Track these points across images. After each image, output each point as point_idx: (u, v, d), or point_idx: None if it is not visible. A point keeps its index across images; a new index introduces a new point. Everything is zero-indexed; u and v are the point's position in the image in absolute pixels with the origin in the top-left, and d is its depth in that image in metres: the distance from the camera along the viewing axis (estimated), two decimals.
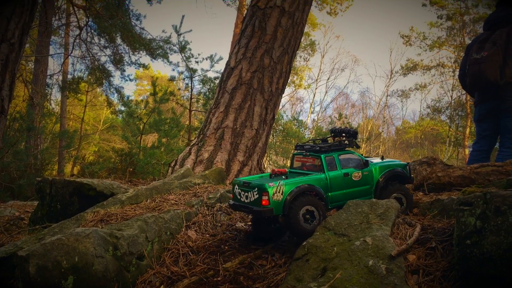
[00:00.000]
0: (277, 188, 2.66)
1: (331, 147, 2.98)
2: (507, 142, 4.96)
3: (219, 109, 5.57)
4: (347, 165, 2.97)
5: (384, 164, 3.09)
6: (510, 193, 1.91)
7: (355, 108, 40.03)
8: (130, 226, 2.39)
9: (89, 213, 2.85)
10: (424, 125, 29.65)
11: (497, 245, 1.86)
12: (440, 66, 27.30)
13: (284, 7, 5.81)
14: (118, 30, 17.50)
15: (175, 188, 3.56)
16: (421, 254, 2.22)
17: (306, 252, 2.37)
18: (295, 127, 24.49)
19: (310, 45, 27.56)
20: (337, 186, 2.89)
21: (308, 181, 2.79)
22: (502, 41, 4.76)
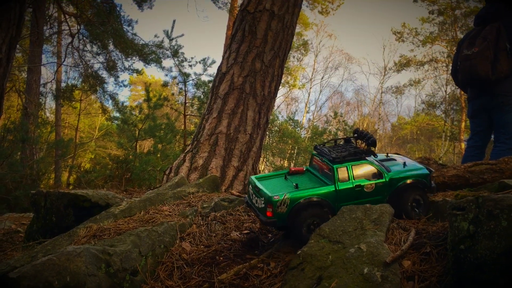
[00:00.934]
0: (282, 201, 2.68)
1: (346, 157, 2.86)
2: (501, 137, 4.97)
3: (212, 115, 5.56)
4: (361, 175, 2.86)
5: (401, 176, 2.90)
6: (501, 197, 1.90)
7: (350, 106, 40.15)
8: (123, 241, 2.37)
9: (82, 228, 2.83)
10: (419, 120, 29.72)
11: (491, 249, 1.86)
12: (433, 61, 27.36)
13: (273, 10, 5.80)
14: (110, 37, 17.49)
15: (169, 199, 3.53)
16: (416, 260, 2.20)
17: (301, 261, 2.35)
18: (291, 127, 24.51)
19: (303, 45, 27.59)
20: (347, 197, 2.83)
21: (315, 194, 2.76)
22: (492, 37, 4.76)
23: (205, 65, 13.13)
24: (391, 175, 2.88)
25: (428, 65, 27.82)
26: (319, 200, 2.75)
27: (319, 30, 34.49)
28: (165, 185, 4.14)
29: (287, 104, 36.12)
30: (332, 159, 2.84)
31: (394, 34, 27.76)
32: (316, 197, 2.75)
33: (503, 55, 4.71)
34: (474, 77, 4.83)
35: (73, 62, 20.24)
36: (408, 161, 3.15)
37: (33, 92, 16.36)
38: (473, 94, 5.21)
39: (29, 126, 13.59)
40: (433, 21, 26.29)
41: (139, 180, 9.13)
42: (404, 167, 2.98)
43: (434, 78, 28.02)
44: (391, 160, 3.15)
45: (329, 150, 3.01)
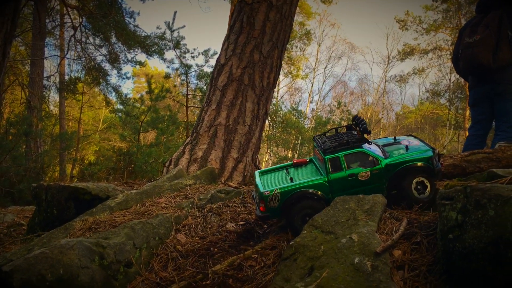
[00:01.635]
0: (273, 196, 2.73)
1: (337, 147, 2.84)
2: (503, 125, 4.95)
3: (211, 107, 5.57)
4: (354, 164, 2.83)
5: (399, 161, 2.83)
6: (489, 187, 1.91)
7: (354, 96, 40.04)
8: (117, 234, 2.40)
9: (78, 221, 2.86)
10: (423, 109, 29.59)
11: (478, 239, 1.87)
12: (437, 49, 27.18)
13: (271, 1, 5.77)
14: (112, 29, 17.46)
15: (165, 191, 3.56)
16: (406, 249, 2.22)
17: (294, 251, 2.37)
18: (295, 118, 24.48)
19: (305, 34, 27.43)
20: (340, 187, 2.82)
21: (306, 186, 2.78)
22: (494, 24, 4.72)
23: (207, 56, 13.13)
24: (387, 161, 2.83)
25: (432, 53, 27.67)
26: (310, 192, 2.77)
27: (322, 20, 34.37)
28: (163, 177, 4.17)
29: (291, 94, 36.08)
30: (324, 150, 2.84)
31: (398, 22, 27.58)
32: (307, 189, 2.77)
33: (505, 43, 4.68)
34: (476, 65, 4.80)
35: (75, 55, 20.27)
36: (413, 143, 3.07)
37: (36, 86, 16.40)
38: (474, 82, 5.19)
39: (33, 119, 13.65)
40: (436, 8, 26.05)
41: (142, 172, 9.18)
42: (406, 151, 2.92)
43: (438, 67, 27.87)
44: (394, 144, 3.10)
45: (323, 141, 2.99)
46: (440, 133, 30.22)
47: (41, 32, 16.46)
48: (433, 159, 2.85)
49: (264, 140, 23.59)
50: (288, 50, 26.25)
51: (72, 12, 18.55)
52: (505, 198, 1.82)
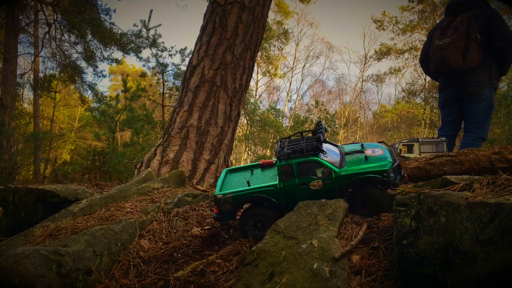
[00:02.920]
0: (225, 199, 2.76)
1: (291, 154, 2.79)
2: (471, 126, 5.05)
3: (183, 108, 5.54)
4: (307, 173, 2.79)
5: (352, 172, 2.77)
6: (441, 194, 1.95)
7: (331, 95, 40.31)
8: (77, 241, 2.37)
9: (39, 227, 2.82)
10: (399, 108, 30.04)
11: (430, 245, 1.91)
12: (413, 49, 27.58)
13: (244, 2, 5.78)
14: (87, 26, 17.21)
15: (132, 195, 3.53)
16: (365, 254, 2.25)
17: (256, 257, 2.38)
18: (273, 116, 24.52)
19: (283, 33, 27.50)
20: (291, 195, 2.80)
21: (257, 191, 2.79)
22: (463, 27, 4.82)
23: (183, 55, 13.07)
24: (340, 171, 2.78)
25: (408, 53, 28.10)
26: (261, 197, 2.78)
27: (300, 19, 34.51)
28: (132, 180, 4.14)
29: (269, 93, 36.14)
30: (277, 157, 2.81)
31: (375, 22, 27.94)
32: (258, 195, 2.78)
33: (474, 45, 4.78)
34: (446, 67, 4.89)
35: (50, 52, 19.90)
36: (377, 153, 2.99)
37: (9, 83, 16.03)
38: (444, 84, 5.28)
39: (5, 118, 13.37)
40: (412, 9, 26.47)
41: (116, 173, 9.08)
42: (365, 162, 2.85)
43: (414, 66, 28.30)
44: (357, 153, 3.05)
45: (282, 147, 2.96)
46: (416, 132, 30.67)
47: (14, 28, 16.12)
48: (389, 172, 2.77)
49: (242, 139, 23.59)
50: (266, 49, 26.31)
51: (47, 9, 18.24)
52: (455, 205, 1.87)
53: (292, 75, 33.69)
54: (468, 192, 1.95)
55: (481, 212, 1.65)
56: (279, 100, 35.72)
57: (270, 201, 2.79)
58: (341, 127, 31.27)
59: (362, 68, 34.60)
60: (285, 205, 2.80)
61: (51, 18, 18.00)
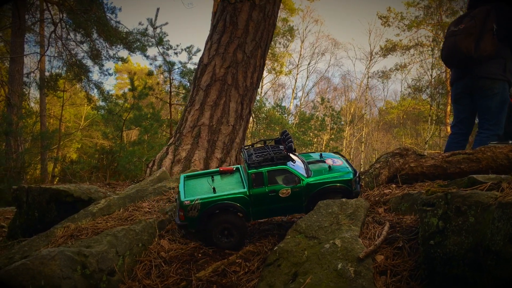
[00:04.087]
0: (193, 206, 2.71)
1: (261, 162, 2.82)
2: (485, 123, 4.93)
3: (195, 107, 5.54)
4: (277, 181, 2.83)
5: (319, 181, 2.87)
6: (469, 193, 1.93)
7: (337, 92, 40.24)
8: (100, 242, 2.37)
9: (59, 228, 2.82)
10: (405, 105, 29.93)
11: (459, 245, 1.90)
12: (419, 45, 27.47)
13: (254, 0, 5.76)
14: (93, 25, 17.23)
15: (149, 195, 3.53)
16: (389, 254, 2.24)
17: (278, 257, 2.38)
18: (278, 114, 24.53)
19: (289, 30, 27.46)
20: (260, 202, 2.82)
21: (226, 198, 2.77)
22: (480, 16, 4.70)
23: (190, 53, 13.05)
24: (308, 180, 2.86)
25: (413, 50, 27.96)
26: (230, 204, 2.77)
27: (305, 16, 34.37)
28: (147, 180, 4.14)
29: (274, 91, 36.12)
30: (248, 164, 2.83)
31: (380, 18, 27.79)
32: (227, 202, 2.76)
33: (489, 35, 4.66)
34: (457, 53, 4.75)
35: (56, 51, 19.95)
36: (337, 163, 3.09)
37: (16, 83, 16.08)
38: (455, 75, 5.14)
39: (13, 117, 13.41)
40: (418, 5, 26.33)
41: (125, 171, 9.10)
42: (329, 171, 2.96)
43: (420, 63, 28.17)
44: (319, 163, 3.12)
45: (250, 154, 2.98)
46: (422, 128, 30.59)
47: (21, 28, 16.16)
48: (352, 182, 2.89)
49: (248, 137, 23.61)
50: (271, 47, 26.25)
51: (52, 8, 18.26)
52: (484, 205, 1.85)
53: (298, 72, 33.67)
54: (497, 192, 1.93)
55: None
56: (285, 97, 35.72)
57: (239, 208, 2.78)
58: (347, 124, 31.22)
59: (368, 64, 34.47)
60: (253, 212, 2.82)
61: (57, 17, 18.04)
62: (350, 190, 2.89)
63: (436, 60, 26.94)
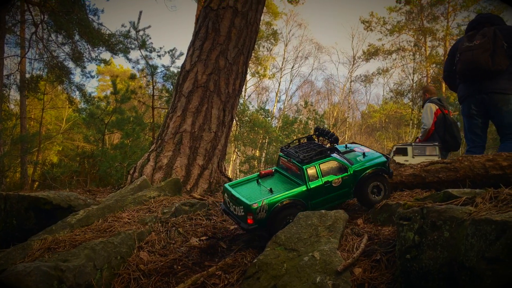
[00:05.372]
0: (261, 208, 2.84)
1: (313, 157, 3.05)
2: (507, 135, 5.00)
3: (176, 113, 5.52)
4: (328, 172, 3.06)
5: (363, 167, 3.13)
6: (444, 208, 1.97)
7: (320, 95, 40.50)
8: (77, 255, 2.35)
9: (36, 240, 2.77)
10: (387, 108, 30.23)
11: (434, 259, 1.92)
12: (401, 50, 27.79)
13: (237, 7, 5.77)
14: (75, 26, 17.03)
15: (128, 204, 3.50)
16: (367, 267, 2.26)
17: (257, 269, 2.38)
18: (262, 117, 24.55)
19: (272, 34, 27.53)
20: (318, 194, 3.02)
21: (289, 196, 2.94)
22: (490, 34, 4.89)
23: (173, 57, 13.01)
24: (354, 167, 3.10)
25: (395, 54, 28.30)
26: (293, 201, 2.94)
27: (289, 19, 34.53)
28: (127, 188, 4.10)
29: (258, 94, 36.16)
30: (301, 160, 3.02)
31: (363, 23, 28.06)
32: (291, 199, 2.93)
33: (501, 50, 4.85)
34: (475, 66, 4.89)
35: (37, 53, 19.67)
36: (366, 150, 3.37)
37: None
38: (467, 91, 5.17)
39: None
40: (400, 10, 26.67)
41: (107, 176, 8.99)
42: (364, 157, 3.21)
43: (402, 67, 28.50)
44: (351, 152, 3.36)
45: (296, 151, 3.16)
46: (404, 131, 30.92)
47: (1, 29, 15.90)
48: (389, 164, 3.20)
49: (232, 140, 23.57)
50: (255, 50, 26.29)
51: (34, 9, 18.00)
52: (459, 221, 1.88)
53: (281, 76, 33.76)
54: (471, 207, 1.96)
55: (486, 229, 1.67)
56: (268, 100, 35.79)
57: (301, 203, 2.97)
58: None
59: (351, 68, 34.79)
60: (312, 205, 3.02)
61: (38, 18, 17.78)
62: (388, 171, 3.20)
63: (417, 65, 27.32)
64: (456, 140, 6.91)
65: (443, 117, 6.92)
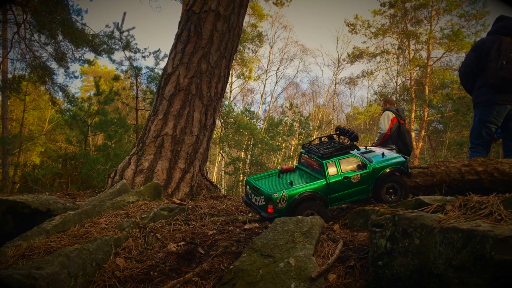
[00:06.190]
0: (281, 198, 3.03)
1: (333, 153, 3.22)
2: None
3: (158, 117, 5.50)
4: (347, 168, 3.22)
5: (382, 165, 3.27)
6: (415, 216, 2.00)
7: (305, 97, 40.64)
8: (51, 262, 2.33)
9: (11, 247, 2.74)
10: (372, 111, 30.44)
11: (405, 266, 1.95)
12: (385, 53, 28.01)
13: (219, 11, 5.77)
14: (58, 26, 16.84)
15: (106, 209, 3.48)
16: (341, 273, 2.28)
17: (233, 276, 2.39)
18: (247, 119, 24.55)
19: (258, 36, 27.55)
20: (337, 189, 3.17)
21: (309, 188, 3.12)
22: None
23: (157, 58, 12.94)
24: (373, 165, 3.25)
25: (380, 57, 28.48)
26: (313, 194, 3.09)
27: (274, 22, 34.64)
28: (106, 192, 4.07)
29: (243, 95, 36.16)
30: (321, 155, 3.18)
31: (348, 26, 28.20)
32: (310, 191, 3.10)
33: None
34: None
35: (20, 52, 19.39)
36: (385, 151, 3.53)
37: None
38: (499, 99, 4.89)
39: None
40: (384, 13, 26.87)
41: (88, 179, 8.91)
42: (383, 157, 3.36)
43: (386, 70, 28.74)
44: (370, 152, 3.51)
45: (317, 148, 3.35)
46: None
47: None
48: (406, 164, 3.34)
49: (217, 142, 23.52)
50: (240, 52, 26.29)
51: (16, 8, 17.75)
52: (428, 228, 1.92)
53: (266, 78, 33.83)
54: (441, 214, 2.00)
55: (454, 237, 1.70)
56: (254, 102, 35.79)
57: (320, 196, 3.11)
58: (315, 129, 31.51)
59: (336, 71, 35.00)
60: (331, 199, 3.17)
61: (20, 18, 17.54)
62: (406, 171, 3.34)
63: (401, 68, 27.58)
64: (407, 148, 7.18)
65: (398, 125, 7.29)
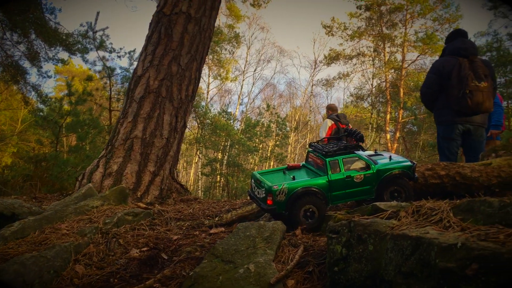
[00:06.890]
0: (281, 190, 3.05)
1: (337, 151, 3.25)
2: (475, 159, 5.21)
3: (127, 119, 5.44)
4: (351, 167, 3.24)
5: (387, 167, 3.28)
6: (370, 222, 2.02)
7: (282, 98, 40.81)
8: (5, 271, 2.27)
9: None
10: (348, 112, 30.73)
11: (359, 272, 1.98)
12: (361, 55, 28.33)
13: (190, 13, 5.74)
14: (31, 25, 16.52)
15: (69, 215, 3.42)
16: (299, 279, 2.30)
17: (193, 282, 2.38)
18: (224, 120, 24.49)
19: (235, 37, 27.53)
20: (338, 187, 3.18)
21: (309, 184, 3.13)
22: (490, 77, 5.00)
23: (131, 58, 12.83)
24: (378, 167, 3.27)
25: (356, 59, 28.79)
26: (313, 189, 3.11)
27: (251, 23, 34.67)
28: (71, 197, 4.01)
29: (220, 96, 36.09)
30: (325, 153, 3.23)
31: (324, 28, 28.41)
32: (311, 187, 3.11)
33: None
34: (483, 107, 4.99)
35: None
36: (393, 155, 3.55)
37: None
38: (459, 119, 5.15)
39: None
40: (360, 16, 27.18)
41: (59, 181, 8.76)
42: (390, 160, 3.38)
43: (362, 72, 29.07)
44: (378, 155, 3.56)
45: (322, 146, 3.40)
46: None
47: None
48: (413, 169, 3.34)
49: (193, 143, 23.39)
50: (217, 53, 26.24)
51: None
52: (381, 234, 1.94)
53: (244, 79, 33.81)
54: (395, 221, 2.03)
55: (403, 244, 1.73)
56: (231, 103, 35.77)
57: (320, 192, 3.12)
58: (291, 131, 31.66)
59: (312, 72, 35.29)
60: (331, 197, 3.18)
61: None
62: (412, 175, 3.33)
63: (377, 70, 27.93)
64: None
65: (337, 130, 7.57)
